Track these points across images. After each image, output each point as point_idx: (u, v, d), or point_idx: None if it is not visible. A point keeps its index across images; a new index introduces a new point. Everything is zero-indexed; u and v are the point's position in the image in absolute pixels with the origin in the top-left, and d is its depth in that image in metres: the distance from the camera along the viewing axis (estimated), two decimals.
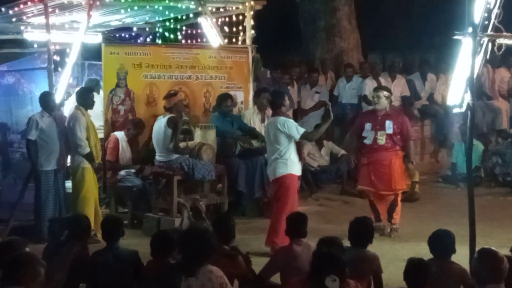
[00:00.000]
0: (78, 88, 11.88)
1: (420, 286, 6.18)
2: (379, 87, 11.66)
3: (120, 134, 11.88)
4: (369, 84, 15.35)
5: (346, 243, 7.08)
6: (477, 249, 6.25)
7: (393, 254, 9.69)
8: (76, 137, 10.59)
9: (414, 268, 6.26)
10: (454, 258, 7.10)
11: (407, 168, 11.20)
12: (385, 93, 11.13)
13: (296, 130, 9.89)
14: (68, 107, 12.13)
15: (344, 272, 5.56)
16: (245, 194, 12.10)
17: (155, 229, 10.35)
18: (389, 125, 10.90)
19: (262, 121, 12.43)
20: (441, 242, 6.97)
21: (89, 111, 10.99)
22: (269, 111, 12.40)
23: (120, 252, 7.20)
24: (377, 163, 10.99)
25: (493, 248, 5.77)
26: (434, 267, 6.35)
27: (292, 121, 10.03)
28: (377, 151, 10.97)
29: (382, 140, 10.91)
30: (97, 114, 12.01)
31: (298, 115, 15.57)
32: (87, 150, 10.65)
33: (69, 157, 10.99)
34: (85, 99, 10.84)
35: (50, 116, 10.73)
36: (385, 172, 10.95)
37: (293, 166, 10.00)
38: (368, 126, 10.99)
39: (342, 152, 14.37)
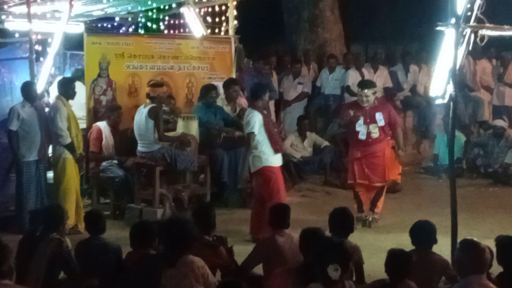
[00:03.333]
0: (59, 78, 11.79)
1: (401, 277, 6.20)
2: (364, 85, 11.29)
3: (102, 124, 11.83)
4: (352, 75, 15.37)
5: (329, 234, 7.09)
6: (459, 240, 6.27)
7: (375, 245, 9.69)
8: (57, 127, 10.53)
9: (394, 259, 6.27)
10: (437, 249, 7.12)
11: (397, 155, 11.18)
12: (372, 90, 11.02)
13: (251, 126, 9.87)
14: (52, 96, 12.06)
15: (347, 262, 5.53)
16: (228, 184, 12.08)
17: (137, 220, 10.31)
18: (379, 117, 10.87)
19: (234, 111, 12.39)
20: (422, 233, 6.99)
21: (72, 101, 10.94)
22: (240, 101, 12.40)
23: (103, 244, 7.19)
24: (371, 155, 10.97)
25: (475, 239, 5.78)
26: (415, 257, 6.37)
27: (256, 117, 9.92)
28: (371, 144, 10.94)
29: (376, 133, 10.88)
30: (80, 104, 11.95)
31: (281, 105, 15.56)
32: (68, 140, 10.59)
33: (50, 148, 10.93)
34: (66, 89, 10.77)
35: (31, 106, 10.67)
36: (378, 163, 10.95)
37: (268, 158, 10.02)
38: (360, 120, 10.93)
39: (325, 143, 14.39)
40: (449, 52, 7.97)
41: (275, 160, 10.10)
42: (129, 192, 11.58)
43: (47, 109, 11.03)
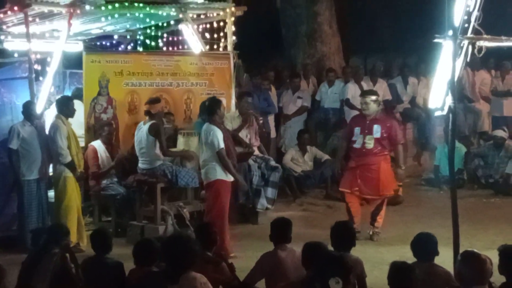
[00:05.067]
0: (58, 97, 11.82)
1: None
2: (366, 92, 11.63)
3: (96, 144, 11.89)
4: (351, 88, 15.39)
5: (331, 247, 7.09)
6: (461, 251, 6.27)
7: (377, 258, 9.70)
8: (57, 146, 10.55)
9: (397, 271, 6.25)
10: (439, 260, 7.11)
11: (396, 173, 11.18)
12: (373, 97, 11.12)
13: (218, 143, 9.94)
14: (50, 116, 12.07)
15: (348, 276, 5.54)
16: (229, 200, 12.08)
17: (139, 237, 10.32)
18: (377, 129, 10.93)
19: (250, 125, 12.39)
20: (424, 245, 6.98)
21: (72, 119, 10.97)
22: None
23: (108, 263, 7.19)
24: (365, 167, 11.01)
25: (476, 250, 5.79)
26: (417, 270, 6.36)
27: (218, 132, 9.99)
28: (365, 155, 10.99)
29: (370, 144, 10.93)
30: (80, 123, 11.98)
31: (281, 120, 15.59)
32: (69, 159, 10.61)
33: (51, 166, 10.95)
34: (65, 108, 10.80)
35: (31, 125, 10.71)
36: (373, 176, 10.97)
37: (223, 172, 10.09)
38: (357, 130, 11.03)
39: (326, 157, 14.39)
40: (447, 64, 7.99)
41: (229, 175, 10.13)
42: (131, 210, 11.60)
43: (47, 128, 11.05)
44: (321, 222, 11.69)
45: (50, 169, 11.02)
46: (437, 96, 8.25)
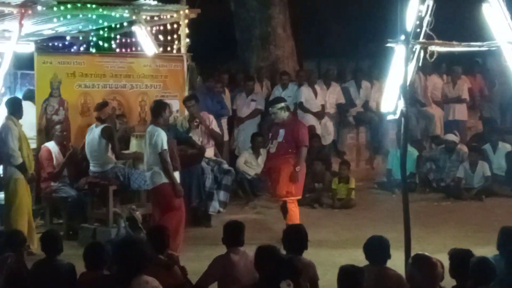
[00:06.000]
0: (6, 98, 11.63)
1: None
2: (272, 101, 11.99)
3: (50, 145, 11.74)
4: (305, 92, 15.46)
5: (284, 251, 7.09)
6: (412, 254, 6.31)
7: (330, 261, 9.70)
8: (8, 148, 10.40)
9: (346, 275, 6.29)
10: (391, 263, 7.14)
11: (291, 174, 11.12)
12: (278, 105, 11.27)
13: (161, 145, 9.92)
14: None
15: (298, 278, 5.57)
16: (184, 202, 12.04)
17: (91, 240, 10.22)
18: (281, 134, 11.11)
19: (197, 127, 12.36)
20: (376, 249, 7.01)
21: (24, 121, 10.83)
22: (204, 116, 12.38)
23: (59, 265, 7.11)
24: (270, 170, 11.30)
25: (427, 253, 5.83)
26: (368, 273, 6.38)
27: (162, 134, 9.99)
28: (270, 159, 11.31)
29: (273, 148, 11.13)
30: (31, 124, 11.83)
31: (235, 123, 15.57)
32: (20, 160, 10.47)
33: (0, 168, 10.80)
34: (16, 109, 10.66)
35: None
36: (275, 178, 11.13)
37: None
38: (271, 136, 11.27)
39: None
40: (399, 68, 8.06)
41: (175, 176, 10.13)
42: (82, 212, 11.49)
43: None
44: (274, 225, 11.71)
45: (0, 171, 10.86)
46: (389, 100, 8.32)
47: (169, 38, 13.71)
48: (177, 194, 10.01)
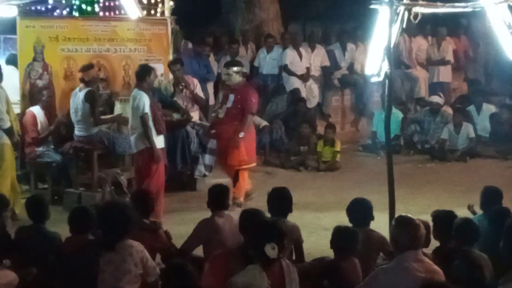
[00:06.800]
0: None
1: (347, 254, 6.28)
2: (229, 63, 11.74)
3: (36, 109, 11.67)
4: (290, 55, 15.43)
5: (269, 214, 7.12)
6: (396, 216, 6.35)
7: (315, 224, 9.78)
8: None
9: (341, 235, 6.35)
10: (375, 225, 7.20)
11: (232, 140, 11.08)
12: (235, 68, 11.20)
13: (143, 108, 9.85)
14: None
15: (283, 241, 5.59)
16: (167, 167, 12.03)
17: (76, 205, 10.20)
18: (230, 99, 11.03)
19: (181, 91, 12.33)
20: (359, 211, 7.07)
21: (7, 86, 10.74)
22: (189, 79, 12.33)
23: (44, 233, 7.11)
24: (219, 136, 11.21)
25: (410, 215, 5.87)
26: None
27: (144, 97, 9.90)
28: (218, 124, 11.20)
29: (222, 113, 11.07)
30: (15, 89, 11.76)
31: (220, 86, 15.52)
32: (8, 124, 10.38)
33: None
34: (0, 73, 10.59)
35: None
36: (222, 145, 11.13)
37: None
38: (221, 100, 11.21)
39: (264, 123, 14.38)
40: (383, 30, 8.04)
41: (158, 142, 10.04)
42: (67, 177, 11.47)
43: None
44: (259, 188, 11.69)
45: None
46: (374, 62, 8.30)
47: (152, 1, 13.60)
48: (156, 159, 9.97)
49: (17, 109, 11.41)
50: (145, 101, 9.87)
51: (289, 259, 6.21)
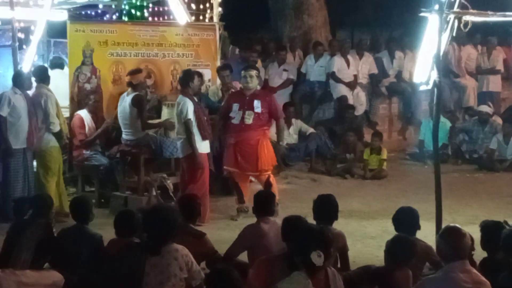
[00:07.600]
0: (33, 68, 11.62)
1: (404, 263, 6.21)
2: (249, 66, 11.59)
3: (83, 113, 11.77)
4: (338, 62, 15.39)
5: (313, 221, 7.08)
6: (443, 226, 6.29)
7: (360, 232, 9.72)
8: (49, 115, 10.48)
9: (400, 244, 6.28)
10: (422, 235, 7.14)
11: (276, 148, 11.02)
12: (255, 71, 11.10)
13: (186, 113, 9.96)
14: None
15: (329, 249, 5.54)
16: (214, 172, 12.06)
17: (122, 208, 10.28)
18: (257, 105, 10.81)
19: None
20: (405, 219, 7.01)
21: (55, 89, 10.87)
22: (236, 85, 12.33)
23: (85, 232, 7.16)
24: (243, 143, 10.82)
25: (457, 225, 5.80)
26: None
27: (188, 103, 10.00)
28: (244, 130, 10.80)
29: (249, 119, 10.79)
30: (63, 93, 11.87)
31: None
32: (58, 128, 10.56)
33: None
34: (45, 77, 10.73)
35: (22, 93, 10.55)
36: (251, 152, 10.80)
37: (197, 145, 10.12)
38: (235, 106, 10.86)
39: (311, 130, 14.38)
40: (433, 38, 7.99)
41: (203, 147, 10.16)
42: (114, 180, 11.56)
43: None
44: (305, 195, 11.67)
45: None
46: (423, 71, 8.25)
47: (201, 7, 13.69)
48: (198, 165, 9.97)
49: (66, 113, 11.52)
50: (188, 106, 9.93)
51: (334, 267, 6.17)
